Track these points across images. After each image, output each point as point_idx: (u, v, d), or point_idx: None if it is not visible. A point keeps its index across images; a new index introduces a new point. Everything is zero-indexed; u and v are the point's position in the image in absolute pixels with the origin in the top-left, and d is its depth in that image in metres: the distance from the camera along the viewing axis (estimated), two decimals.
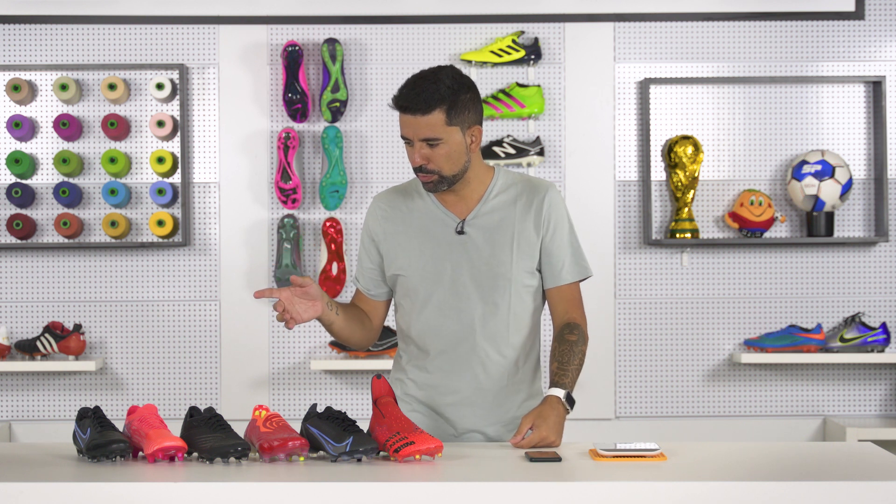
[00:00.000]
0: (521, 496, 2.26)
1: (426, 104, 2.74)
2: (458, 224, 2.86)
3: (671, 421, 4.83)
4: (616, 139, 4.83)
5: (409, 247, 2.88)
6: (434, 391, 2.88)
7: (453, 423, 2.88)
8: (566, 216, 2.90)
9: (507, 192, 2.89)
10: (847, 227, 4.85)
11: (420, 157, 2.78)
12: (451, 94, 2.75)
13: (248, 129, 4.83)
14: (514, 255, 2.84)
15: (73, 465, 2.49)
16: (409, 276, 2.87)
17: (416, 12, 4.81)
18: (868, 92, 4.84)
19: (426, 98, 2.74)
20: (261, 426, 2.54)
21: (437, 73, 2.77)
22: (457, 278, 2.84)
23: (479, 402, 2.87)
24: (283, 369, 4.83)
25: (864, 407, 4.84)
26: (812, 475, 2.37)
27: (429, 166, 2.78)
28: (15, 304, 4.83)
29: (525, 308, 2.87)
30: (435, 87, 2.74)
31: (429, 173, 2.79)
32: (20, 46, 4.83)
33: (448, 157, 2.78)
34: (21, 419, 4.82)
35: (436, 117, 2.75)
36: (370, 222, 2.96)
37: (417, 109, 2.74)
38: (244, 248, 4.83)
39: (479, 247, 2.84)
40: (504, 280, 2.84)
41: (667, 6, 4.81)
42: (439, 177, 2.79)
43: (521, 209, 2.87)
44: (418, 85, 2.75)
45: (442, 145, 2.76)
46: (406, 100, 2.75)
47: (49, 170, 4.82)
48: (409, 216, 2.90)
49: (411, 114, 2.75)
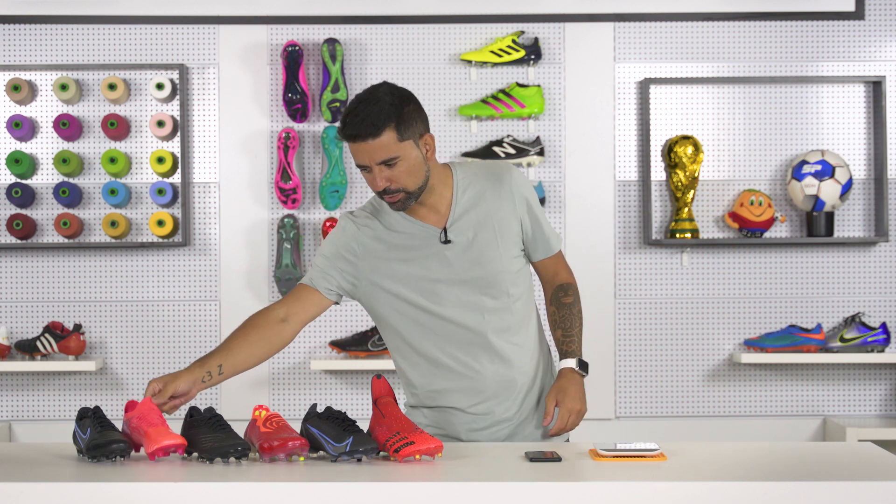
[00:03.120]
0: (521, 496, 2.26)
1: (374, 127, 2.69)
2: (440, 234, 2.84)
3: (671, 421, 4.83)
4: (616, 139, 4.83)
5: (398, 267, 2.84)
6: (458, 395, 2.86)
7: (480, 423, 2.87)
8: (533, 191, 2.91)
9: (471, 186, 2.86)
10: (847, 227, 4.85)
11: (383, 181, 2.73)
12: (395, 111, 2.71)
13: (248, 129, 4.83)
14: (501, 247, 2.84)
15: (73, 465, 2.49)
16: (407, 296, 2.84)
17: (416, 12, 4.81)
18: (868, 92, 4.84)
19: (372, 121, 2.69)
20: (261, 426, 2.54)
21: (375, 94, 2.73)
22: (454, 285, 2.83)
23: (510, 393, 2.86)
24: (283, 369, 4.83)
25: (864, 407, 4.84)
26: (812, 475, 2.37)
27: (392, 186, 2.74)
28: (15, 304, 4.83)
29: (522, 290, 2.90)
30: (378, 108, 2.70)
31: (394, 193, 2.75)
32: (20, 46, 4.83)
33: (409, 173, 2.74)
34: (21, 419, 4.83)
35: (387, 137, 2.71)
36: (347, 235, 2.86)
37: (367, 135, 2.70)
38: (244, 248, 4.83)
39: (467, 249, 2.83)
40: (499, 273, 2.84)
41: (667, 6, 4.81)
42: (405, 194, 2.76)
43: (492, 199, 2.85)
44: (360, 111, 2.70)
45: (400, 163, 2.73)
46: (353, 128, 2.70)
47: (49, 170, 4.82)
48: (389, 236, 2.85)
49: (362, 140, 2.70)
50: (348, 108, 2.74)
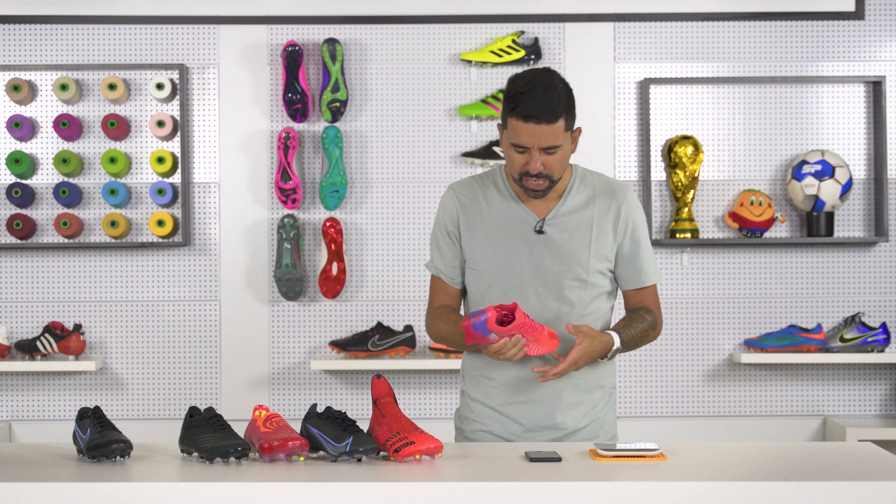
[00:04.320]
0: (521, 496, 2.26)
1: (553, 114, 2.68)
2: (538, 223, 2.84)
3: (671, 421, 4.83)
4: (616, 139, 4.83)
5: (486, 242, 2.85)
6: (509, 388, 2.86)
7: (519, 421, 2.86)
8: (643, 219, 2.90)
9: (584, 192, 2.87)
10: (847, 227, 4.85)
11: (538, 165, 2.71)
12: (568, 100, 2.72)
13: (248, 129, 4.83)
14: (591, 257, 2.83)
15: (73, 465, 2.49)
16: (485, 272, 2.85)
17: (416, 12, 4.81)
18: (868, 92, 4.84)
19: (552, 107, 2.67)
20: (261, 426, 2.54)
21: (551, 79, 2.71)
22: (534, 277, 2.82)
23: (551, 399, 2.85)
24: (283, 369, 4.83)
25: (864, 407, 4.84)
26: (812, 475, 2.37)
27: (544, 171, 2.74)
28: (15, 304, 4.83)
29: (597, 308, 2.87)
30: (556, 95, 2.69)
31: (542, 179, 2.75)
32: (20, 46, 4.83)
33: (561, 163, 2.75)
34: (21, 419, 4.83)
35: (559, 125, 2.70)
36: (448, 212, 2.89)
37: (544, 119, 2.68)
38: (244, 248, 4.83)
39: (558, 246, 2.82)
40: (580, 281, 2.83)
41: (667, 6, 4.81)
42: (550, 182, 2.77)
43: (599, 210, 2.85)
44: (539, 94, 2.67)
45: (559, 151, 2.73)
46: (531, 109, 2.67)
47: (49, 170, 4.82)
48: (488, 210, 2.86)
49: (536, 123, 2.68)
50: (521, 87, 2.70)
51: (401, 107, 4.84)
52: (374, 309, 4.82)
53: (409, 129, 4.84)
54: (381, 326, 4.71)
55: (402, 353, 4.69)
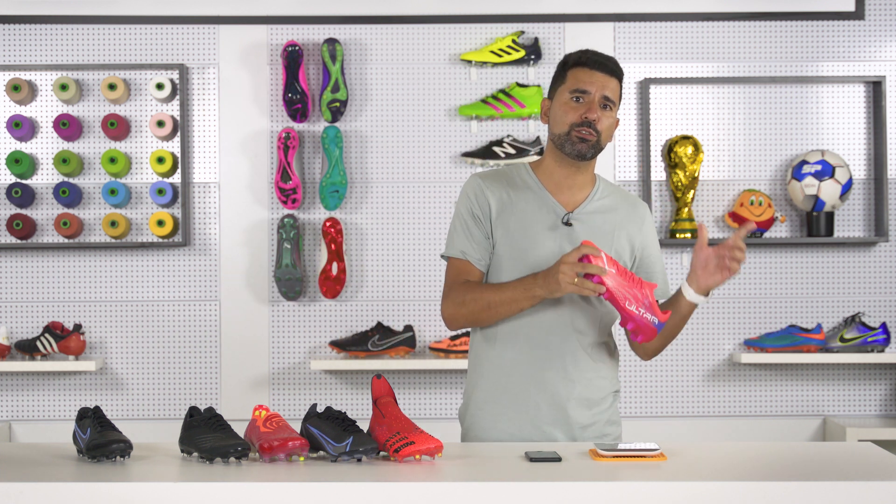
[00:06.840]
0: (521, 496, 2.26)
1: (617, 67, 2.87)
2: (566, 216, 2.87)
3: (671, 421, 4.83)
4: (616, 139, 4.83)
5: (514, 228, 2.87)
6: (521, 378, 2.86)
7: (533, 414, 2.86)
8: (657, 236, 3.03)
9: (608, 197, 2.94)
10: (847, 227, 4.85)
11: (596, 112, 2.83)
12: (622, 75, 2.91)
13: (248, 129, 4.83)
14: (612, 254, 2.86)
15: (73, 465, 2.49)
16: (508, 258, 2.86)
17: (416, 12, 4.81)
18: (868, 92, 4.84)
19: (616, 64, 2.87)
20: (261, 426, 2.54)
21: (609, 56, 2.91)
22: None
23: (564, 393, 2.86)
24: (283, 369, 4.83)
25: (864, 407, 4.84)
26: (812, 475, 2.37)
27: (596, 125, 2.83)
28: (15, 304, 4.83)
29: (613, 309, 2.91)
30: (616, 62, 2.88)
31: (593, 132, 2.83)
32: (20, 46, 4.83)
33: (609, 128, 2.87)
34: (21, 419, 4.83)
35: (617, 84, 2.88)
36: (476, 196, 2.90)
37: (611, 71, 2.85)
38: (244, 248, 4.83)
39: (581, 240, 2.83)
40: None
41: (667, 6, 4.81)
42: (597, 140, 2.85)
43: (622, 217, 2.92)
44: (601, 55, 2.86)
45: (611, 113, 2.86)
46: (601, 58, 2.85)
47: (49, 170, 4.82)
48: (517, 197, 2.89)
49: (603, 72, 2.84)
50: (583, 50, 2.88)
51: (401, 107, 4.85)
52: (374, 309, 4.83)
53: (409, 129, 4.84)
54: (381, 326, 4.71)
55: (402, 353, 4.69)
